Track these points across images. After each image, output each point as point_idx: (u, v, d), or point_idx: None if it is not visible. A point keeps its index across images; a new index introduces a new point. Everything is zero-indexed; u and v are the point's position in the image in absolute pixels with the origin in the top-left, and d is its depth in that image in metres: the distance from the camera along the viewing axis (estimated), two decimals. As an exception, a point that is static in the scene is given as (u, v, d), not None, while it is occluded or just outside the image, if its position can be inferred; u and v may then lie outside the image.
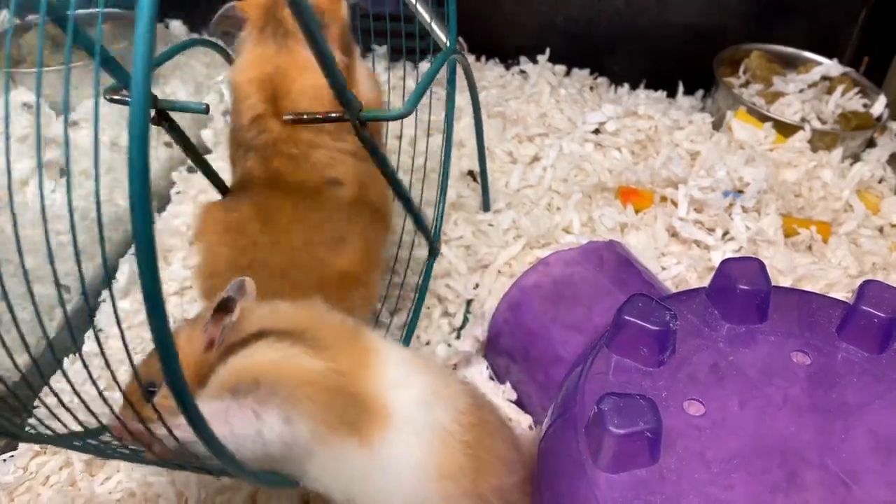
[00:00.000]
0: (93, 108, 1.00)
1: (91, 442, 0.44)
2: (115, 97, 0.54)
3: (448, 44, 0.75)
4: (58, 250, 0.46)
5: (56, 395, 0.40)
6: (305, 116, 0.53)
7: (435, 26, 0.95)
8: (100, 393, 0.37)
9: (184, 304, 0.81)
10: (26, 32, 1.09)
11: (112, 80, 0.53)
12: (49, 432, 0.41)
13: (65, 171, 0.96)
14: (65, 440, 0.43)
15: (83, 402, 0.38)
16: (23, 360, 0.38)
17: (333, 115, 0.51)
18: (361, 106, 0.49)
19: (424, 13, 0.95)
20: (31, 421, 0.44)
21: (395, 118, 0.52)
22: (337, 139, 0.63)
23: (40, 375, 0.40)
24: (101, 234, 0.30)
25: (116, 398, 0.43)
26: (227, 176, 0.70)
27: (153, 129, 0.94)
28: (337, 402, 0.45)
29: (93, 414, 0.38)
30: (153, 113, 0.56)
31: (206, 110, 0.55)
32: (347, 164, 0.63)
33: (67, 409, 0.39)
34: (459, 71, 0.79)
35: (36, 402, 0.52)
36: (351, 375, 0.46)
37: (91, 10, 1.10)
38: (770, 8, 1.14)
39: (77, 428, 0.43)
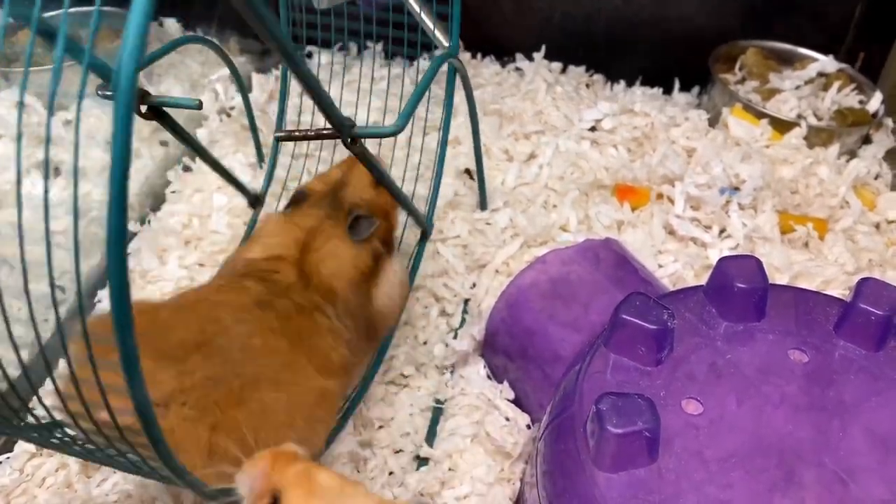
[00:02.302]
0: (88, 106, 1.00)
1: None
2: (108, 93, 0.54)
3: (448, 45, 0.75)
4: (54, 250, 0.45)
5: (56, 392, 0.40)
6: (297, 133, 0.53)
7: (433, 26, 0.95)
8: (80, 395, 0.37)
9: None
10: (19, 31, 1.09)
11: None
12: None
13: (59, 171, 0.95)
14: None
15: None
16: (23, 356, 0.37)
17: (325, 131, 0.51)
18: (353, 124, 0.50)
19: (422, 13, 0.94)
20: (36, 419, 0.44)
21: (387, 135, 0.52)
22: (342, 317, 0.62)
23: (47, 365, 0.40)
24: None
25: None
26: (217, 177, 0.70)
27: (150, 127, 0.94)
28: None
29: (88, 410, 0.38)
30: (144, 109, 0.56)
31: (199, 106, 0.55)
32: (342, 344, 0.62)
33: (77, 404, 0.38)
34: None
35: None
36: None
37: (88, 9, 1.10)
38: (766, 4, 1.14)
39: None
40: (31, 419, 0.42)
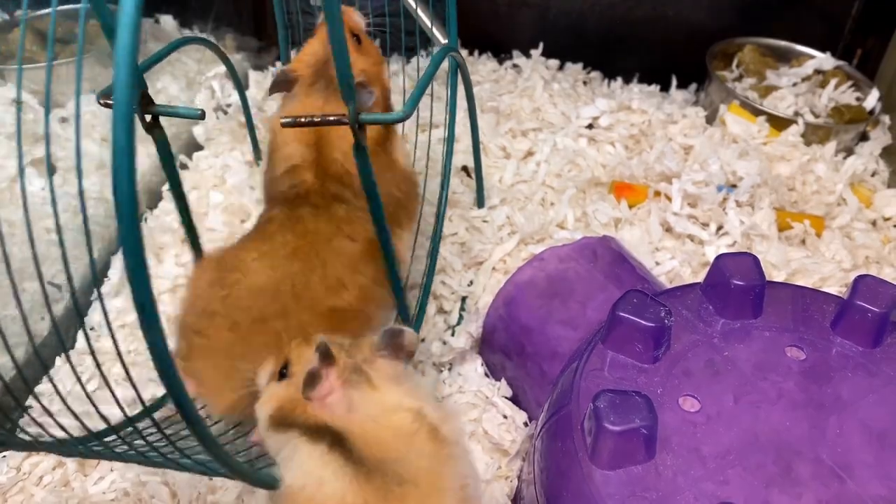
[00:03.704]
0: (83, 101, 0.99)
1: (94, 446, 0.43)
2: (109, 102, 0.53)
3: (447, 41, 0.74)
4: (49, 248, 0.45)
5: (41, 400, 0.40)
6: (303, 119, 0.52)
7: (431, 23, 0.95)
8: (88, 395, 0.37)
9: (176, 302, 0.81)
10: (14, 28, 1.08)
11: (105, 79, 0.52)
12: (49, 438, 0.40)
13: (55, 168, 0.95)
14: (62, 446, 0.42)
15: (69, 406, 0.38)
16: (12, 360, 0.37)
17: (332, 118, 0.50)
18: (364, 107, 0.49)
19: (420, 9, 0.94)
20: (28, 428, 0.44)
21: (394, 121, 0.51)
22: (360, 198, 0.63)
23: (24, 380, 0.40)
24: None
25: (106, 397, 0.42)
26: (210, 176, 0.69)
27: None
28: None
29: (77, 417, 0.38)
30: (149, 118, 0.55)
31: (203, 116, 0.54)
32: (363, 224, 0.63)
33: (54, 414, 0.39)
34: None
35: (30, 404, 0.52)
36: None
37: (79, 6, 1.09)
38: (763, 2, 1.14)
39: (63, 433, 0.43)
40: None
